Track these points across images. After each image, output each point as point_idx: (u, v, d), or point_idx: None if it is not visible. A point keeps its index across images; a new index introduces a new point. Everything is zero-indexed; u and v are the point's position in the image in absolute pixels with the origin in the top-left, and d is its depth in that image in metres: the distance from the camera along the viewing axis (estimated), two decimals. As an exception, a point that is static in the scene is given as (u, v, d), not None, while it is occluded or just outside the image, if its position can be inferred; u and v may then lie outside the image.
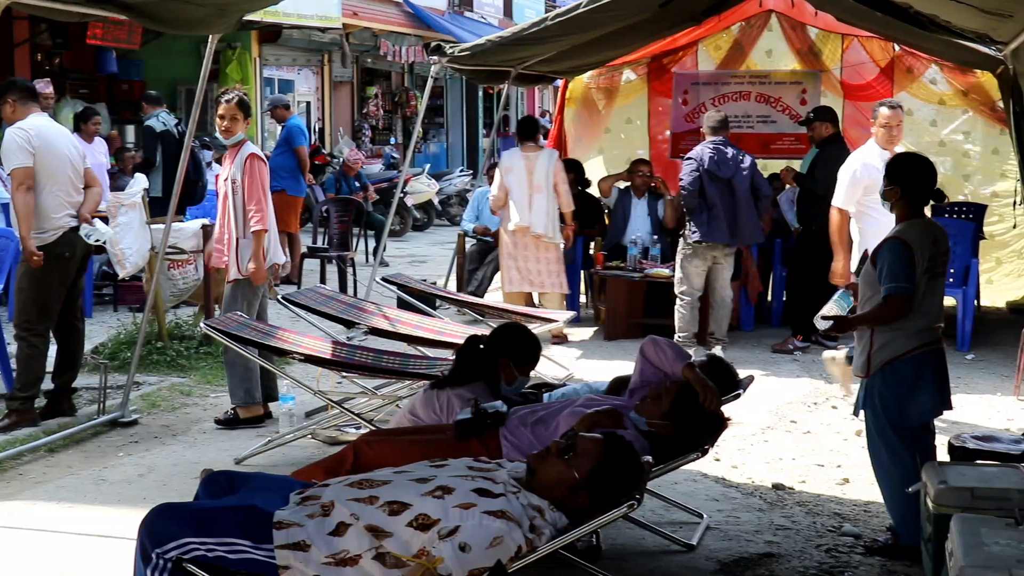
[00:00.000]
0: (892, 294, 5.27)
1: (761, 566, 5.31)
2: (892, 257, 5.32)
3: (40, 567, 5.21)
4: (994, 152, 12.04)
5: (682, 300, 9.85)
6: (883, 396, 5.39)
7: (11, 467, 6.66)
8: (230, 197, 7.51)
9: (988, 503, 4.53)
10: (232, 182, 7.50)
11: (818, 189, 9.98)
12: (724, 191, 9.71)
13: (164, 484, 6.37)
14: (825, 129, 10.09)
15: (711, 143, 9.82)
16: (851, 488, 6.49)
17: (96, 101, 16.45)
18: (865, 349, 5.44)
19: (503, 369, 5.73)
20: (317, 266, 13.41)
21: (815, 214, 10.02)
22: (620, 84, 13.39)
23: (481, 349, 5.87)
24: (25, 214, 7.24)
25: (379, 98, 25.17)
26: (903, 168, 5.55)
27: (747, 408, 7.49)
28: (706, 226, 9.68)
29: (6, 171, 7.39)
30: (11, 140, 7.27)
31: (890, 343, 5.36)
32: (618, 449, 4.08)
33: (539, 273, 10.71)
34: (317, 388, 7.11)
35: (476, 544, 3.55)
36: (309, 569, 3.70)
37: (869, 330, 5.42)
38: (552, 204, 10.61)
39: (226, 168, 7.64)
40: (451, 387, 5.61)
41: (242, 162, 7.49)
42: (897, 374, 5.36)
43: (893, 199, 5.49)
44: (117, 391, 7.93)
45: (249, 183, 7.46)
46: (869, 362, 5.42)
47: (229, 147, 7.65)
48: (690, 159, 9.83)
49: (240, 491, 4.12)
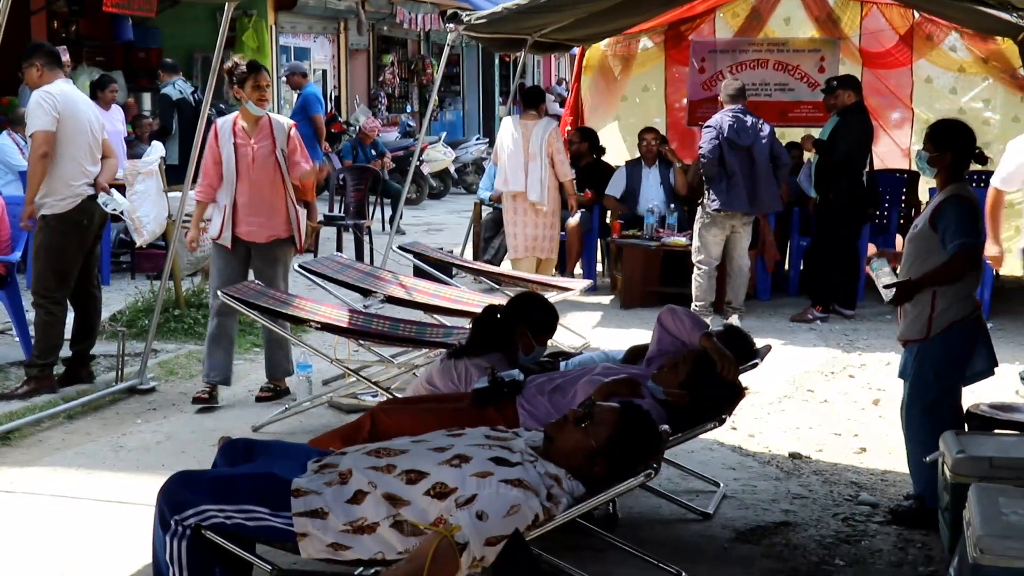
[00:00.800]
0: (965, 247, 5.25)
1: (777, 534, 5.32)
2: (958, 213, 5.30)
3: (60, 533, 5.25)
4: (1014, 120, 11.95)
5: (700, 269, 9.83)
6: (941, 359, 5.39)
7: (31, 433, 6.70)
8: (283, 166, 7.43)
9: (1006, 472, 4.53)
10: (282, 152, 7.43)
11: (839, 157, 9.94)
12: (744, 159, 9.68)
13: (182, 451, 6.40)
14: (848, 97, 10.01)
15: (730, 111, 9.77)
16: (868, 457, 6.49)
17: (112, 69, 16.42)
18: (925, 311, 5.38)
19: (520, 338, 5.73)
20: (333, 234, 13.41)
21: (834, 183, 10.00)
22: (637, 52, 13.30)
23: (498, 318, 5.87)
24: (38, 179, 7.25)
25: (395, 66, 25.08)
26: (950, 135, 5.52)
27: (764, 377, 7.48)
28: (725, 194, 9.64)
29: (28, 132, 7.37)
30: (36, 103, 7.27)
31: (954, 305, 5.34)
32: (635, 418, 4.07)
33: (536, 239, 10.98)
34: (334, 356, 7.13)
35: (493, 512, 3.55)
36: (327, 536, 3.72)
37: (930, 293, 5.37)
38: (546, 172, 10.74)
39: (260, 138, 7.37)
40: (469, 357, 5.61)
41: (285, 133, 7.46)
42: (961, 336, 5.38)
43: (942, 165, 5.47)
44: (135, 358, 7.96)
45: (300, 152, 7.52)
46: (930, 324, 5.38)
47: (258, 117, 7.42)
48: (709, 127, 9.78)
49: (258, 459, 4.13)
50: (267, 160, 7.38)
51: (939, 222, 5.34)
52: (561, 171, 10.95)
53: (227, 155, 7.36)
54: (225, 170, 7.38)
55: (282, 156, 7.41)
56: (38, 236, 7.43)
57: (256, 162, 7.36)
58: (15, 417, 6.84)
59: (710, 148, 9.59)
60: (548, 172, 10.88)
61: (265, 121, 7.42)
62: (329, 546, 3.73)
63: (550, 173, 10.93)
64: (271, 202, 7.43)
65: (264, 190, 7.39)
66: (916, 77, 12.32)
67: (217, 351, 7.39)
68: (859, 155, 10.01)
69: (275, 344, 7.53)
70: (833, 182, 10.01)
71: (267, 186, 7.40)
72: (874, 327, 9.71)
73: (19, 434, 6.64)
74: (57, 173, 7.29)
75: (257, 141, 7.37)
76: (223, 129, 7.42)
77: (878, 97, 12.40)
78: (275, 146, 7.39)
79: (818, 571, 4.92)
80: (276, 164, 7.40)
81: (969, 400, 5.83)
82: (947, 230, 5.30)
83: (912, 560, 5.06)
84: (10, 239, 8.17)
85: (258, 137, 7.38)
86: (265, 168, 7.38)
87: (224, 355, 7.40)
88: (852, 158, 9.91)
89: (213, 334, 7.40)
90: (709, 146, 9.61)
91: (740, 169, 9.64)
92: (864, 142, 10.07)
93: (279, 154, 7.40)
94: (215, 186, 7.43)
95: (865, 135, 10.08)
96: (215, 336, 7.40)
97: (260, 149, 7.37)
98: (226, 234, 7.39)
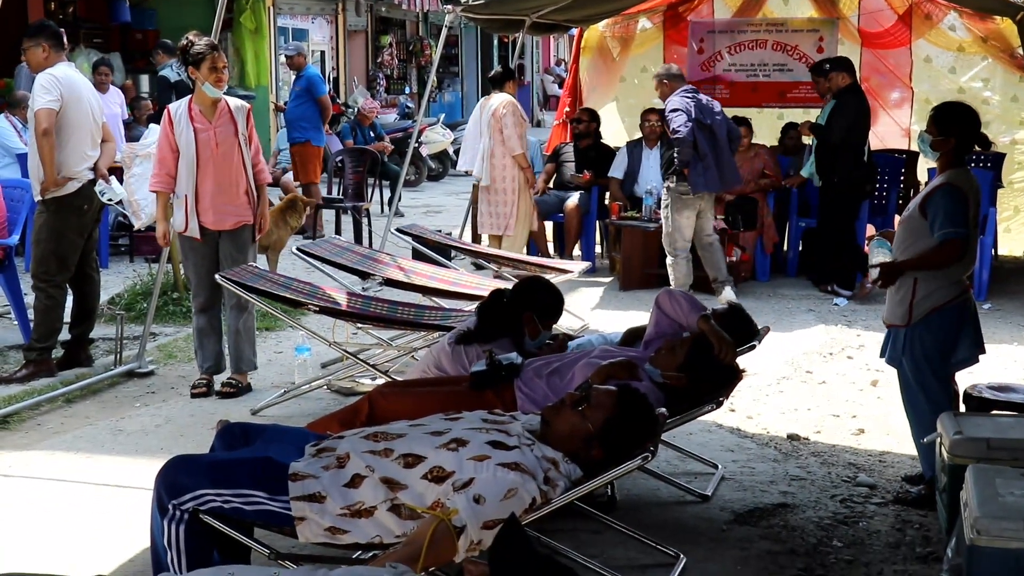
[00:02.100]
0: (949, 239, 5.23)
1: (775, 516, 5.33)
2: (948, 203, 5.27)
3: (58, 516, 5.25)
4: (1013, 100, 11.95)
5: (678, 255, 9.82)
6: (927, 345, 5.38)
7: (29, 417, 6.71)
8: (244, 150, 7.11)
9: (1004, 453, 4.53)
10: (244, 136, 7.13)
11: (834, 139, 9.93)
12: (709, 138, 9.69)
13: (181, 435, 6.41)
14: (842, 79, 10.00)
15: (686, 92, 9.73)
16: (866, 438, 6.50)
17: (109, 51, 16.40)
18: (907, 298, 5.38)
19: (528, 324, 5.70)
20: (332, 217, 13.41)
21: (835, 166, 10.00)
22: (635, 33, 13.28)
23: (505, 304, 5.84)
24: (49, 155, 7.20)
25: (393, 47, 25.04)
26: (954, 118, 5.48)
27: (762, 359, 7.49)
28: (702, 176, 9.64)
29: (32, 111, 7.32)
30: (42, 86, 7.23)
31: (935, 292, 5.33)
32: (632, 401, 4.08)
33: (493, 216, 10.97)
34: (332, 339, 7.12)
35: (490, 496, 3.56)
36: (324, 520, 3.72)
37: (911, 279, 5.37)
38: (488, 148, 10.74)
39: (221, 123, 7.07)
40: (479, 343, 5.59)
41: (244, 114, 7.17)
42: (942, 322, 5.35)
43: (944, 150, 5.45)
44: (133, 342, 7.96)
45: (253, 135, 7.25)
46: (911, 311, 5.38)
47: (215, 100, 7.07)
48: (677, 110, 9.63)
49: (255, 443, 4.13)
50: (230, 144, 7.08)
51: (928, 208, 5.33)
52: (508, 145, 10.76)
53: (186, 142, 7.01)
54: (184, 158, 7.03)
55: (243, 140, 7.12)
56: (39, 220, 7.42)
57: (220, 147, 7.05)
58: (14, 401, 6.85)
59: (688, 130, 9.51)
60: (492, 148, 10.77)
61: (223, 104, 7.11)
62: (327, 530, 3.73)
63: (499, 150, 10.79)
64: (236, 187, 7.13)
65: (230, 175, 7.09)
66: (915, 57, 12.30)
67: (208, 343, 7.27)
68: (858, 136, 10.01)
69: (242, 336, 7.28)
70: (834, 165, 10.01)
71: (232, 171, 7.10)
72: (873, 308, 9.69)
73: (18, 418, 6.65)
74: (60, 158, 7.27)
75: (218, 125, 7.06)
76: (178, 114, 7.07)
77: (877, 77, 12.39)
78: (236, 129, 7.09)
79: (816, 552, 4.93)
80: (239, 148, 7.11)
81: (968, 381, 5.84)
82: (936, 218, 5.28)
83: (910, 541, 5.07)
84: (8, 223, 8.16)
85: (218, 121, 7.06)
86: (229, 153, 7.09)
87: (214, 345, 7.29)
88: (851, 140, 9.91)
89: (200, 328, 7.28)
90: (686, 129, 9.50)
91: (709, 149, 9.65)
92: (861, 123, 10.06)
93: (240, 138, 7.11)
94: (173, 175, 7.07)
95: (862, 116, 10.05)
96: (202, 330, 7.29)
97: (222, 133, 7.06)
98: (192, 225, 7.10)
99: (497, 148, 10.74)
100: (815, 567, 4.79)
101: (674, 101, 9.71)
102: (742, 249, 10.67)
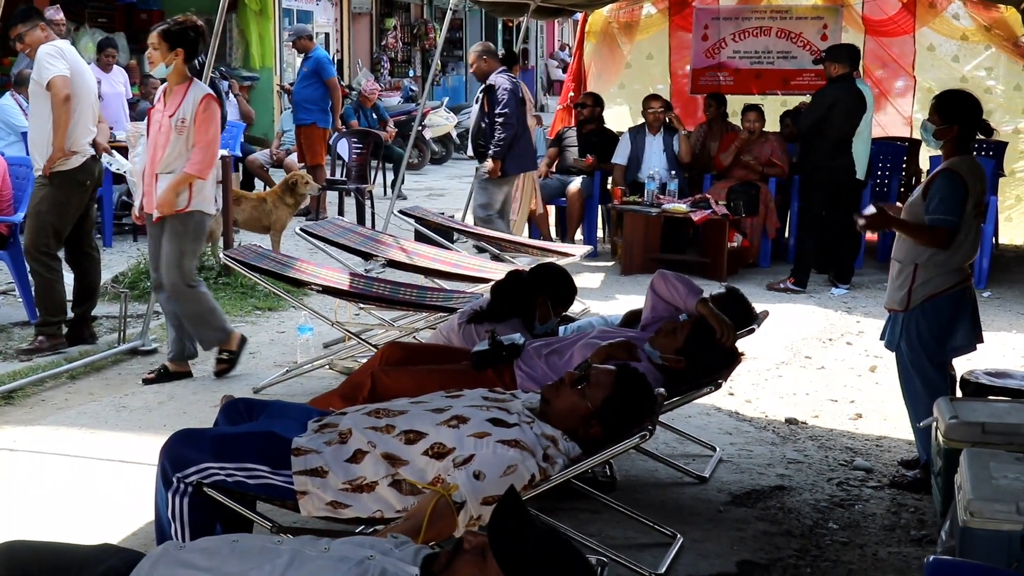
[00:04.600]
0: (938, 226, 5.27)
1: (772, 498, 5.37)
2: (947, 188, 5.30)
3: (63, 491, 5.30)
4: (1016, 88, 11.98)
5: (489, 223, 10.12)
6: (923, 331, 5.42)
7: (34, 393, 6.76)
8: (172, 135, 6.68)
9: (998, 438, 4.58)
10: (181, 121, 6.67)
11: (800, 128, 10.04)
12: (522, 118, 9.99)
13: (184, 412, 6.45)
14: (834, 69, 9.81)
15: (502, 73, 9.96)
16: (864, 423, 6.54)
17: (114, 31, 16.41)
18: (906, 283, 5.43)
19: (540, 307, 5.75)
20: (335, 198, 13.44)
21: (805, 153, 10.06)
22: (640, 18, 13.29)
23: (521, 285, 5.88)
24: (64, 126, 7.22)
25: (398, 30, 25.03)
26: (957, 106, 5.49)
27: (762, 343, 7.53)
28: (520, 157, 10.07)
29: (44, 81, 7.30)
30: (48, 55, 7.24)
31: (933, 279, 5.37)
32: (631, 380, 4.12)
33: None
34: (335, 319, 7.17)
35: (490, 472, 3.60)
36: (326, 495, 3.77)
37: (912, 266, 5.41)
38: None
39: (172, 104, 6.73)
40: (490, 322, 5.64)
41: (196, 102, 6.68)
42: (938, 309, 5.39)
43: (947, 138, 5.46)
44: (137, 320, 8.01)
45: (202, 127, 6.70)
46: (909, 296, 5.42)
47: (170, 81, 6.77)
48: (505, 90, 9.92)
49: (259, 418, 4.18)
50: (167, 129, 6.70)
51: (929, 191, 5.36)
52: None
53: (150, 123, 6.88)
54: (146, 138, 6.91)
55: (175, 126, 6.66)
56: (40, 193, 7.45)
57: (160, 131, 6.74)
58: (18, 376, 6.89)
59: (515, 111, 9.77)
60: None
61: (181, 88, 6.75)
62: (328, 504, 3.78)
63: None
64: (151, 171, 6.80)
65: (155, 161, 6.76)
66: (919, 45, 12.32)
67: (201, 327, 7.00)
68: (834, 128, 9.72)
69: (181, 326, 7.02)
70: (804, 152, 10.06)
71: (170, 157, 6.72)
72: (872, 294, 9.74)
73: (22, 393, 6.70)
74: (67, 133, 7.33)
75: (167, 109, 6.75)
76: (157, 94, 6.96)
77: (880, 65, 12.41)
78: (178, 113, 6.67)
79: (811, 534, 4.98)
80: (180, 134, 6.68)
81: (966, 368, 5.88)
82: (931, 201, 5.31)
83: (905, 524, 5.11)
84: (13, 200, 8.20)
85: (170, 104, 6.75)
86: (164, 138, 6.72)
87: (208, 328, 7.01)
88: (824, 130, 9.72)
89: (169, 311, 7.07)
90: (516, 112, 9.83)
91: (521, 132, 9.89)
92: (839, 114, 9.71)
93: (173, 123, 6.67)
94: None
95: (840, 107, 9.70)
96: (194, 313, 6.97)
97: (167, 117, 6.73)
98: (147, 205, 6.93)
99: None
100: (811, 548, 4.84)
101: (497, 80, 9.98)
102: (743, 235, 10.71)
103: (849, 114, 9.75)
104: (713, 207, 10.26)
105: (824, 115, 9.65)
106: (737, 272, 10.41)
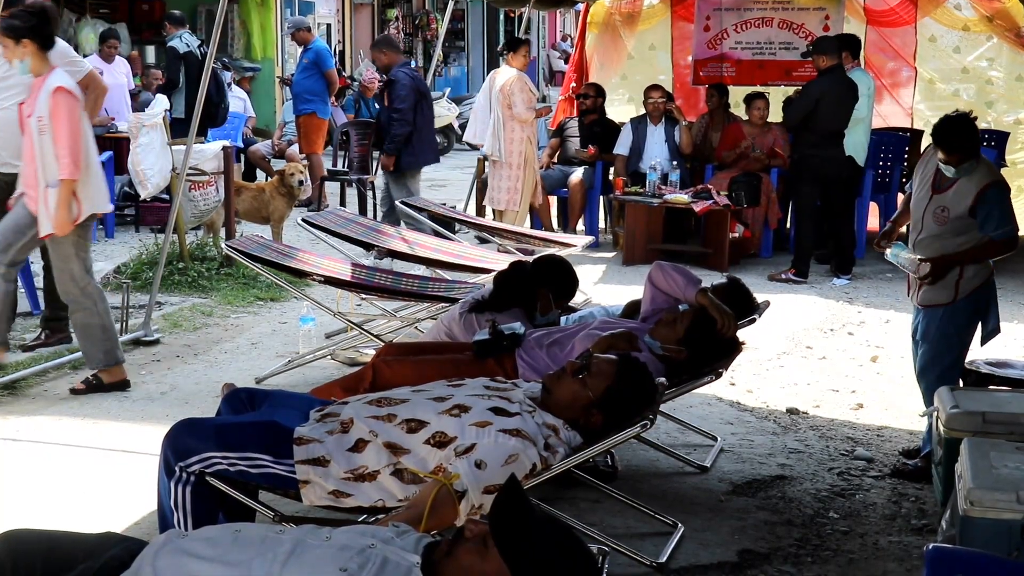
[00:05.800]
0: (1007, 237, 5.42)
1: (773, 488, 5.39)
2: (1002, 200, 5.41)
3: (65, 480, 5.32)
4: (1018, 79, 11.97)
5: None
6: (967, 319, 5.54)
7: (36, 383, 6.77)
8: (35, 137, 6.18)
9: (999, 427, 4.59)
10: (39, 119, 6.16)
11: (785, 121, 10.06)
12: (427, 110, 10.10)
13: (186, 402, 6.47)
14: (822, 62, 9.76)
15: (406, 66, 10.17)
16: (864, 413, 6.55)
17: (116, 21, 16.39)
18: (953, 276, 5.47)
19: (541, 299, 5.75)
20: (337, 189, 13.44)
21: (794, 144, 10.09)
22: (642, 9, 13.29)
23: (524, 275, 5.89)
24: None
25: (400, 21, 24.99)
26: (955, 134, 5.43)
27: (763, 333, 7.54)
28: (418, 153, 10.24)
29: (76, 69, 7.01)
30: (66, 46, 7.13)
31: (981, 270, 5.50)
32: (632, 370, 4.12)
33: (504, 190, 11.05)
34: (337, 310, 7.18)
35: (492, 461, 3.61)
36: (328, 484, 3.78)
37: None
38: (498, 124, 10.76)
39: (30, 102, 6.28)
40: (491, 311, 5.64)
41: (48, 95, 6.15)
42: (983, 297, 5.54)
43: (954, 161, 5.43)
44: (139, 311, 8.02)
45: (56, 122, 6.14)
46: (957, 288, 5.48)
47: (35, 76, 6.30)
48: (404, 84, 10.09)
49: (261, 407, 4.18)
50: (26, 126, 6.28)
51: (979, 208, 5.38)
52: (516, 111, 10.94)
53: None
54: None
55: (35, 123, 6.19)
56: None
57: (28, 135, 6.28)
58: (21, 367, 6.90)
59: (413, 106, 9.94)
60: (499, 124, 10.88)
61: (39, 83, 6.25)
62: (330, 493, 3.79)
63: (508, 125, 10.90)
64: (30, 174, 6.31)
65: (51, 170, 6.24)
66: (920, 35, 12.31)
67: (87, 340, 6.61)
68: (825, 118, 9.67)
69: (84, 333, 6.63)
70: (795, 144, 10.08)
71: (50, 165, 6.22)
72: (874, 285, 9.75)
73: (25, 384, 6.71)
74: None
75: (27, 107, 6.31)
76: None
77: (882, 55, 12.40)
78: (35, 112, 6.20)
79: (812, 523, 4.99)
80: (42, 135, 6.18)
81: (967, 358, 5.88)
82: (990, 216, 5.36)
83: (905, 513, 5.13)
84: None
85: (29, 102, 6.31)
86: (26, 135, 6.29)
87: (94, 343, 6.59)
88: (811, 124, 9.72)
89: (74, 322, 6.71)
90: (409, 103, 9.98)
91: (423, 124, 10.00)
92: (829, 104, 9.65)
93: (32, 120, 6.21)
94: None
95: (827, 97, 9.64)
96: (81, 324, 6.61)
97: (27, 118, 6.28)
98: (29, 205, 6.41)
99: (507, 123, 10.82)
100: (811, 537, 4.85)
101: (398, 74, 10.10)
102: (745, 225, 10.71)
103: (838, 106, 9.71)
104: (715, 197, 10.26)
105: (813, 108, 9.67)
106: (739, 262, 10.41)
